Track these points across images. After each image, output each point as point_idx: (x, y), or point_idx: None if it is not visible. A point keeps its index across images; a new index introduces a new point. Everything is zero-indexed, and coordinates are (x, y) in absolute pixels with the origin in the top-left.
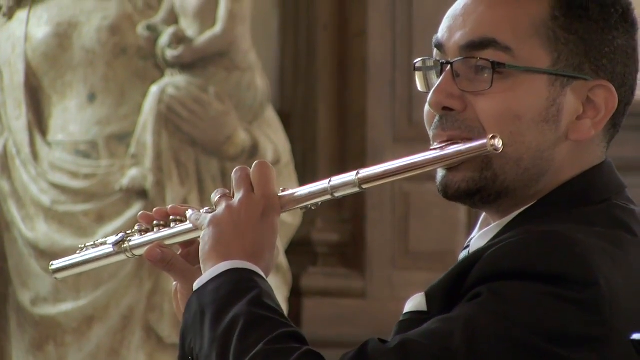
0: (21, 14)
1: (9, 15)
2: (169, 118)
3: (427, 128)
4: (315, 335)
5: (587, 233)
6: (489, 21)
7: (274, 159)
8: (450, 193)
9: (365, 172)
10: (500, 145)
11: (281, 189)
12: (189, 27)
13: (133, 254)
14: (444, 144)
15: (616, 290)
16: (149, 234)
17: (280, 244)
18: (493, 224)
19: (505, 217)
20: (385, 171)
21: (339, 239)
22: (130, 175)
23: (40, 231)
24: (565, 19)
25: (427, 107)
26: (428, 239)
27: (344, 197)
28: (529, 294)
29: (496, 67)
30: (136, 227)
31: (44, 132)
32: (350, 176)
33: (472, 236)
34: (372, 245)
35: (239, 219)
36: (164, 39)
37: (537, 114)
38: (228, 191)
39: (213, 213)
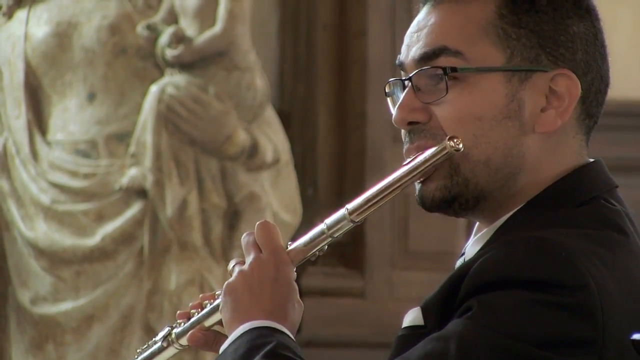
0: (21, 14)
1: (9, 14)
2: (168, 118)
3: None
4: (314, 335)
5: (575, 236)
6: (439, 31)
7: (274, 158)
8: (427, 204)
9: (352, 205)
10: (461, 145)
11: (289, 243)
12: (188, 26)
13: (180, 344)
14: (411, 159)
15: (607, 292)
16: (188, 321)
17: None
18: (485, 230)
19: (494, 221)
20: (367, 199)
21: (339, 239)
22: (130, 174)
23: (39, 230)
24: (513, 15)
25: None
26: (427, 239)
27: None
28: (517, 303)
29: (448, 71)
30: (179, 321)
31: (43, 131)
32: (341, 212)
33: (467, 243)
34: (371, 245)
35: (252, 282)
36: (164, 38)
37: (497, 112)
38: (242, 259)
39: (227, 281)
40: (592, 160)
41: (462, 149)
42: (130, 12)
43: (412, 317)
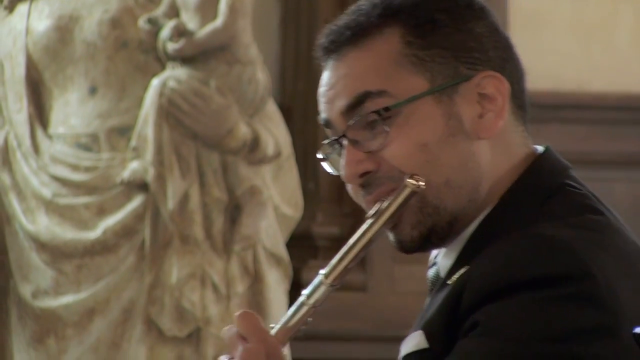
0: (22, 7)
1: (10, 8)
2: (170, 111)
3: (360, 204)
4: (316, 329)
5: (562, 227)
6: (354, 78)
7: (275, 152)
8: (408, 247)
9: (327, 269)
10: (422, 182)
11: (270, 326)
12: (190, 20)
13: None
14: (376, 208)
15: (609, 274)
16: None
17: (281, 237)
18: (456, 240)
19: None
20: (340, 261)
21: (340, 233)
22: (131, 168)
23: (41, 224)
24: (419, 39)
25: (349, 186)
26: None
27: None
28: (524, 306)
29: (382, 112)
30: None
31: (45, 125)
32: (317, 279)
33: (436, 254)
34: None
35: None
36: (165, 32)
37: (440, 133)
38: (228, 356)
39: None
40: (542, 148)
41: (424, 186)
42: (131, 6)
43: (414, 342)
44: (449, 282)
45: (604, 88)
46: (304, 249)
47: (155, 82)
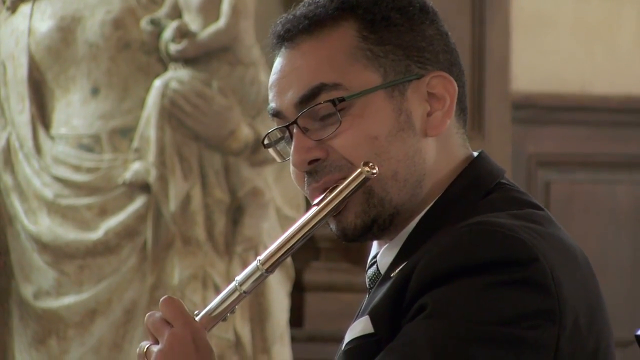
0: (25, 8)
1: (13, 9)
2: (172, 112)
3: (302, 190)
4: (318, 330)
5: (506, 217)
6: (309, 71)
7: None
8: (350, 234)
9: (264, 256)
10: (376, 169)
11: (195, 312)
12: (192, 21)
13: None
14: (324, 194)
15: (552, 262)
16: None
17: None
18: (396, 237)
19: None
20: (280, 246)
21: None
22: (133, 169)
23: (43, 225)
24: (374, 34)
25: (293, 170)
26: None
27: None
28: (472, 289)
29: (337, 103)
30: None
31: (47, 126)
32: (252, 266)
33: (374, 253)
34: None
35: (175, 358)
36: (168, 33)
37: (390, 127)
38: (153, 341)
39: None
40: (477, 152)
41: (377, 172)
42: (134, 6)
43: (360, 327)
44: (392, 275)
45: (607, 90)
46: (306, 250)
47: (157, 83)
